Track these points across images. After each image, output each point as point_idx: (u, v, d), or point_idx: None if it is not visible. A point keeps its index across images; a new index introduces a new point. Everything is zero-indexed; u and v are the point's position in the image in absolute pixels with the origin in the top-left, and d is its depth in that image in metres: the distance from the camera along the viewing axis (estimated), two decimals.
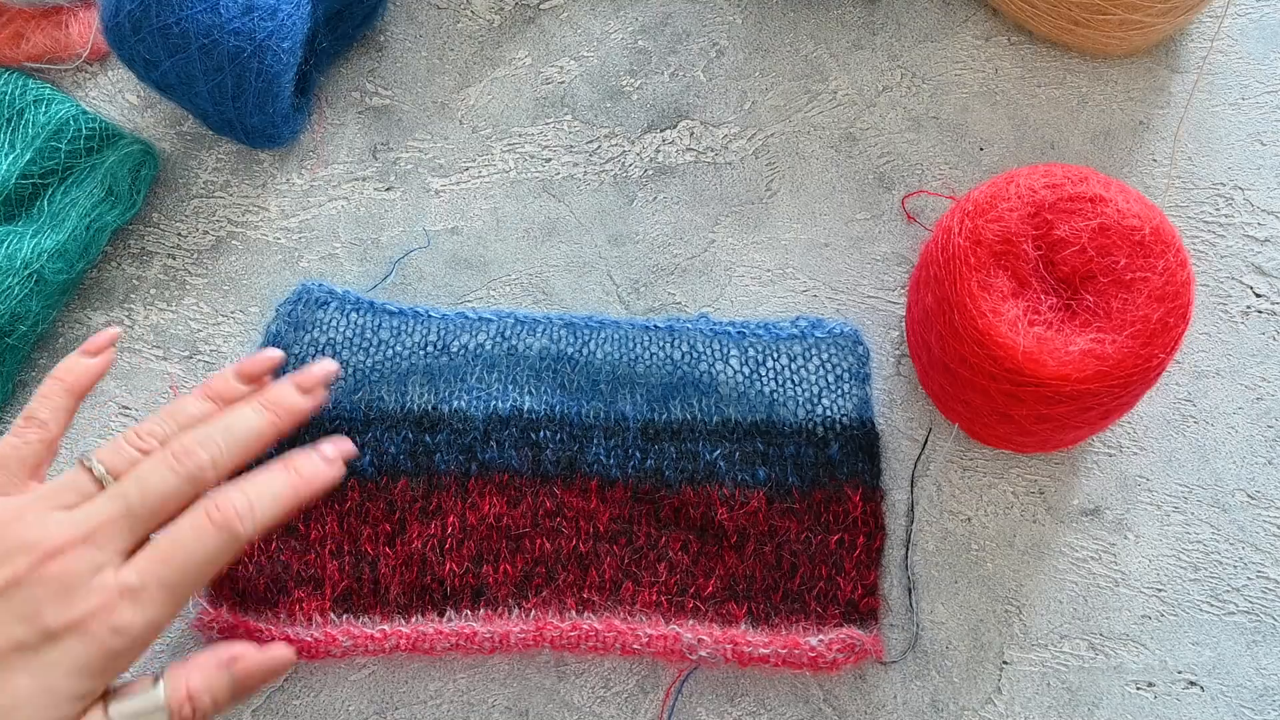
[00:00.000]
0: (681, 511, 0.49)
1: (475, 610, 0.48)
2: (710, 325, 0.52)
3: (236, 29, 0.48)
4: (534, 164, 0.57)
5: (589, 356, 0.51)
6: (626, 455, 0.50)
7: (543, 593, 0.48)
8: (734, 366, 0.51)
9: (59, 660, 0.35)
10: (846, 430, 0.50)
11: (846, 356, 0.51)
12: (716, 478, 0.50)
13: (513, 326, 0.52)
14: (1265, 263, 0.54)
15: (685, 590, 0.48)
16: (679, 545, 0.49)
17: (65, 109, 0.52)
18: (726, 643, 0.47)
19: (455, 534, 0.49)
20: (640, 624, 0.48)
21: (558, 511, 0.49)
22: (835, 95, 0.58)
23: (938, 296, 0.45)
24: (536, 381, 0.51)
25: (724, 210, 0.56)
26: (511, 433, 0.50)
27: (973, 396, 0.45)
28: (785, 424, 0.51)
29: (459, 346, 0.51)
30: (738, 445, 0.50)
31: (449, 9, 0.59)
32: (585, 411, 0.51)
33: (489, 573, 0.48)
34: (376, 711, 0.48)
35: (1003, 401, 0.44)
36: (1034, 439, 0.47)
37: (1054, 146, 0.56)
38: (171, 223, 0.55)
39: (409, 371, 0.51)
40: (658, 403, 0.51)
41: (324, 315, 0.52)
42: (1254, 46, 0.58)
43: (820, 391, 0.51)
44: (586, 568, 0.49)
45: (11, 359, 0.51)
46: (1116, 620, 0.49)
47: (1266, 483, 0.51)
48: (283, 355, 0.44)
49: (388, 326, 0.52)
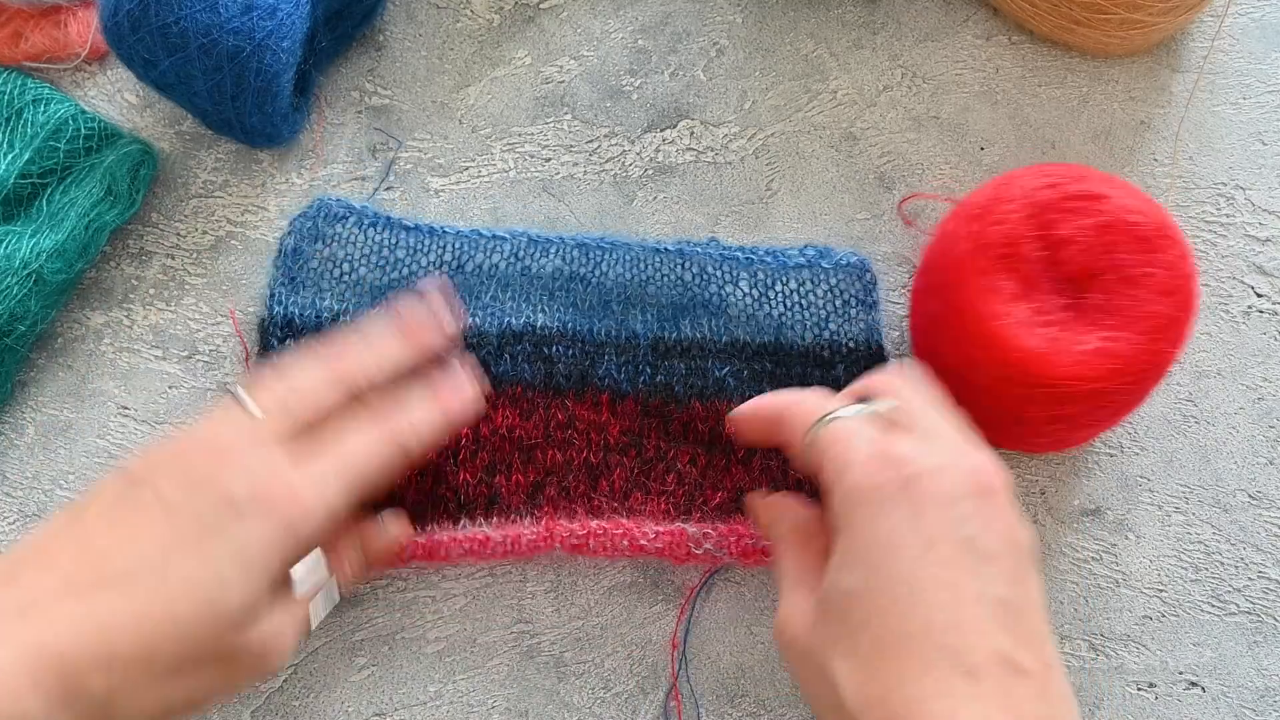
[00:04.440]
0: (690, 426, 0.50)
1: (488, 518, 0.49)
2: (720, 249, 0.52)
3: (235, 28, 0.48)
4: (534, 164, 0.57)
5: (601, 276, 0.52)
6: (637, 370, 0.51)
7: (554, 501, 0.49)
8: (743, 289, 0.52)
9: (250, 538, 0.37)
10: (853, 353, 0.51)
11: (854, 283, 0.52)
12: (725, 393, 0.50)
13: (526, 246, 0.52)
14: (1266, 262, 0.54)
15: (693, 501, 0.49)
16: (687, 458, 0.50)
17: (64, 108, 0.52)
18: (730, 536, 0.48)
19: (469, 445, 0.49)
20: (646, 522, 0.48)
21: (569, 424, 0.50)
22: (835, 95, 0.57)
23: (943, 302, 0.45)
24: (549, 300, 0.52)
25: (724, 210, 0.56)
26: (525, 347, 0.51)
27: (984, 401, 0.45)
28: (793, 346, 0.51)
29: (474, 266, 0.52)
30: (746, 364, 0.51)
31: (449, 8, 0.59)
32: (597, 329, 0.52)
33: (501, 482, 0.49)
34: (376, 712, 0.48)
35: (1016, 404, 0.44)
36: (1047, 439, 0.47)
37: (1055, 146, 0.56)
38: (170, 222, 0.55)
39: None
40: (668, 321, 0.52)
41: (341, 230, 0.53)
42: (1255, 46, 0.58)
43: (828, 316, 0.52)
44: (597, 478, 0.49)
45: (10, 359, 0.50)
46: (1117, 621, 0.49)
47: (1268, 483, 0.51)
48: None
49: (404, 244, 0.52)
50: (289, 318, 0.51)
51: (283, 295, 0.52)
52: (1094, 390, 0.42)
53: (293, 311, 0.51)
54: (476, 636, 0.49)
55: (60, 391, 0.52)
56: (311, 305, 0.52)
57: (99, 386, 0.52)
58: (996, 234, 0.44)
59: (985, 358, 0.43)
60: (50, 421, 0.52)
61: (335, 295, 0.52)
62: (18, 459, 0.51)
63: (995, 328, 0.43)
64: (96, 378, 0.53)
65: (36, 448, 0.51)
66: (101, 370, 0.53)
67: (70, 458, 0.51)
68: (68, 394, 0.52)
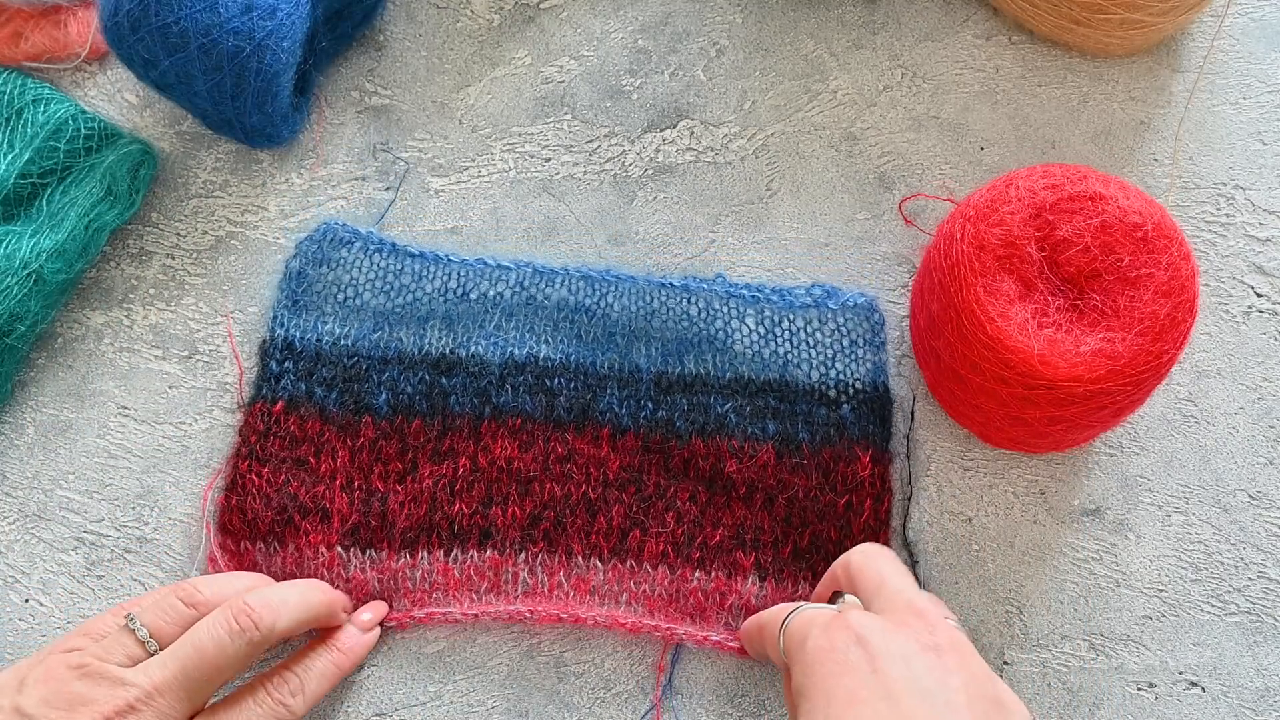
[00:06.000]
0: (691, 462, 0.50)
1: (482, 551, 0.49)
2: (726, 286, 0.52)
3: (235, 28, 0.48)
4: (534, 163, 0.56)
5: (606, 309, 0.52)
6: (639, 405, 0.51)
7: (550, 536, 0.49)
8: (749, 326, 0.52)
9: None
10: (859, 394, 0.51)
11: (861, 324, 0.52)
12: (727, 430, 0.50)
13: (531, 277, 0.52)
14: (1266, 262, 0.54)
15: (692, 540, 0.49)
16: (687, 495, 0.50)
17: (64, 108, 0.52)
18: (706, 643, 0.47)
19: (466, 475, 0.49)
20: (628, 614, 0.48)
21: (568, 457, 0.50)
22: (836, 95, 0.57)
23: (944, 304, 0.45)
24: (553, 331, 0.52)
25: (724, 210, 0.56)
26: (526, 378, 0.51)
27: (985, 402, 0.45)
28: (798, 384, 0.51)
29: (478, 294, 0.52)
30: (749, 400, 0.51)
31: (449, 8, 0.59)
32: (600, 362, 0.51)
33: (497, 514, 0.49)
34: (376, 712, 0.48)
35: (1015, 405, 0.44)
36: (1047, 440, 0.47)
37: (1055, 146, 0.56)
38: (170, 222, 0.55)
39: (428, 316, 0.52)
40: (671, 356, 0.52)
41: (347, 254, 0.53)
42: (1255, 46, 0.58)
43: (834, 355, 0.51)
44: (595, 514, 0.49)
45: (10, 359, 0.50)
46: (1117, 621, 0.49)
47: (1268, 483, 0.51)
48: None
49: (409, 271, 0.53)
50: (289, 341, 0.51)
51: (285, 318, 0.52)
52: (1094, 391, 0.42)
53: (294, 335, 0.51)
54: (476, 636, 0.49)
55: (60, 391, 0.52)
56: (314, 329, 0.52)
57: (99, 386, 0.52)
58: (997, 235, 0.44)
59: (985, 358, 0.43)
60: (50, 421, 0.52)
61: (338, 319, 0.52)
62: (18, 459, 0.51)
63: (995, 329, 0.43)
64: (96, 378, 0.53)
65: (36, 448, 0.51)
66: (101, 370, 0.53)
67: (70, 458, 0.51)
68: (68, 394, 0.52)
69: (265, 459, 0.49)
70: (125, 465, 0.51)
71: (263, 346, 0.52)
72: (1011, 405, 0.44)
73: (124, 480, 0.51)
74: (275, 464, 0.49)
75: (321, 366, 0.51)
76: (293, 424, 0.50)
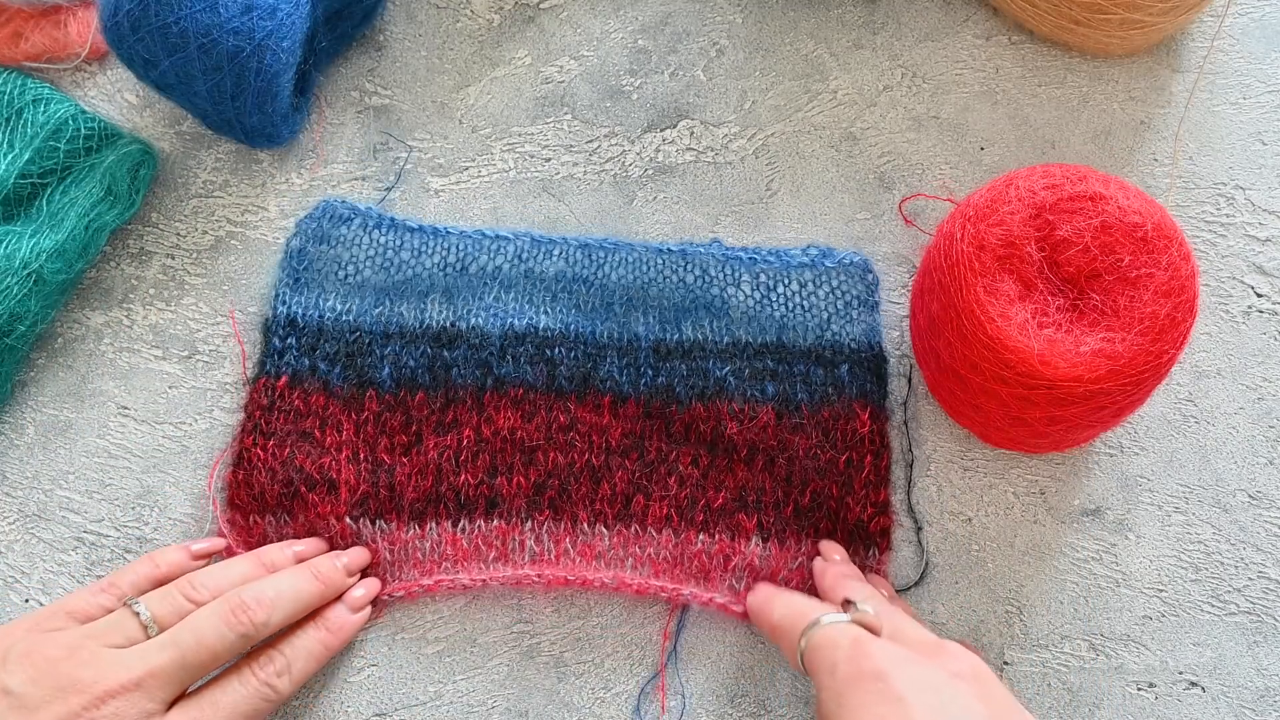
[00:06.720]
0: (692, 427, 0.50)
1: (489, 520, 0.49)
2: (723, 250, 0.53)
3: (235, 28, 0.48)
4: (534, 164, 0.56)
5: (604, 278, 0.53)
6: (638, 372, 0.51)
7: (555, 504, 0.49)
8: (745, 290, 0.52)
9: None
10: (855, 354, 0.51)
11: (856, 284, 0.52)
12: (726, 393, 0.51)
13: (529, 248, 0.53)
14: (1266, 262, 0.54)
15: (695, 503, 0.49)
16: (689, 459, 0.50)
17: (64, 108, 0.52)
18: (711, 605, 0.48)
19: (470, 446, 0.50)
20: (634, 575, 0.48)
21: (571, 426, 0.50)
22: (835, 95, 0.57)
23: (944, 304, 0.45)
24: (552, 301, 0.52)
25: (724, 210, 0.56)
26: (527, 349, 0.51)
27: (985, 401, 0.45)
28: (795, 346, 0.52)
29: (477, 267, 0.53)
30: (747, 363, 0.51)
31: (449, 8, 0.59)
32: (599, 331, 0.52)
33: (503, 484, 0.49)
34: (376, 712, 0.48)
35: (1015, 405, 0.44)
36: (1047, 440, 0.47)
37: (1055, 146, 0.56)
38: (170, 222, 0.55)
39: (428, 289, 0.52)
40: (669, 323, 0.52)
41: (347, 231, 0.53)
42: (1255, 46, 0.58)
43: (830, 317, 0.52)
44: (598, 481, 0.50)
45: (10, 359, 0.50)
46: (1117, 621, 0.49)
47: (1268, 483, 0.51)
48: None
49: (409, 246, 0.53)
50: (292, 317, 0.52)
51: (287, 295, 0.52)
52: (1094, 391, 0.42)
53: (296, 311, 0.52)
54: (476, 636, 0.49)
55: (60, 391, 0.52)
56: (315, 305, 0.52)
57: (99, 386, 0.52)
58: (997, 235, 0.44)
59: (985, 358, 0.43)
60: (50, 421, 0.52)
61: (339, 296, 0.52)
62: (18, 459, 0.51)
63: (995, 329, 0.43)
64: (96, 378, 0.53)
65: (36, 448, 0.51)
66: (101, 370, 0.53)
67: (70, 458, 0.51)
68: (68, 394, 0.52)
69: (270, 433, 0.50)
70: (125, 465, 0.51)
71: (266, 324, 0.52)
72: (1011, 405, 0.44)
73: (124, 480, 0.51)
74: (280, 438, 0.50)
75: (324, 342, 0.51)
76: (297, 398, 0.50)
